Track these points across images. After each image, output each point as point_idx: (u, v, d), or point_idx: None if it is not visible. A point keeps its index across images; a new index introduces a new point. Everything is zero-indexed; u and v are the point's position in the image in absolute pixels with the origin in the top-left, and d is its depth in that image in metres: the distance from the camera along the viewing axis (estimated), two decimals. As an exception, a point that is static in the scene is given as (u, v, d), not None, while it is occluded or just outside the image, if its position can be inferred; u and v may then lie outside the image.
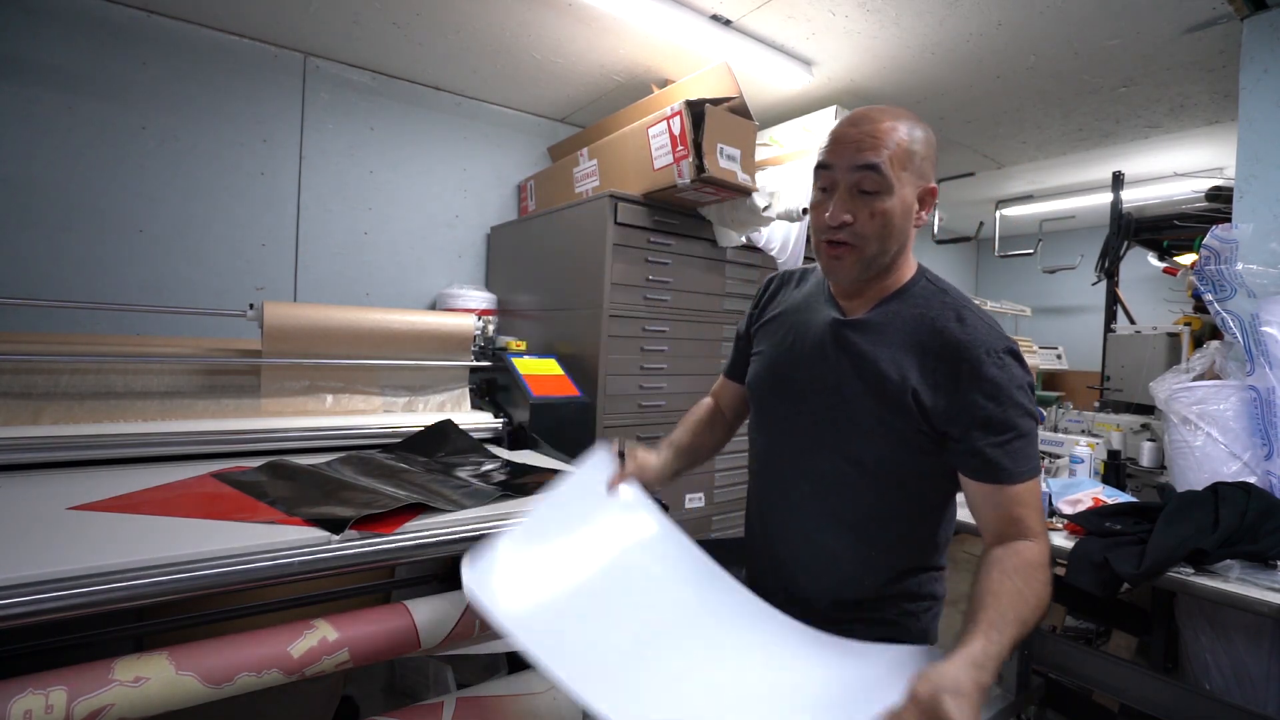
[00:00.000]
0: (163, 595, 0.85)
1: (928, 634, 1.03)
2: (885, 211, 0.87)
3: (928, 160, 0.90)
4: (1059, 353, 5.33)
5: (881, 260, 0.91)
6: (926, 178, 0.90)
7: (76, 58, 2.12)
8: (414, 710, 1.10)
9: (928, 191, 0.90)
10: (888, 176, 0.86)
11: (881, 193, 0.86)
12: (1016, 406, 0.86)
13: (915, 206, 0.89)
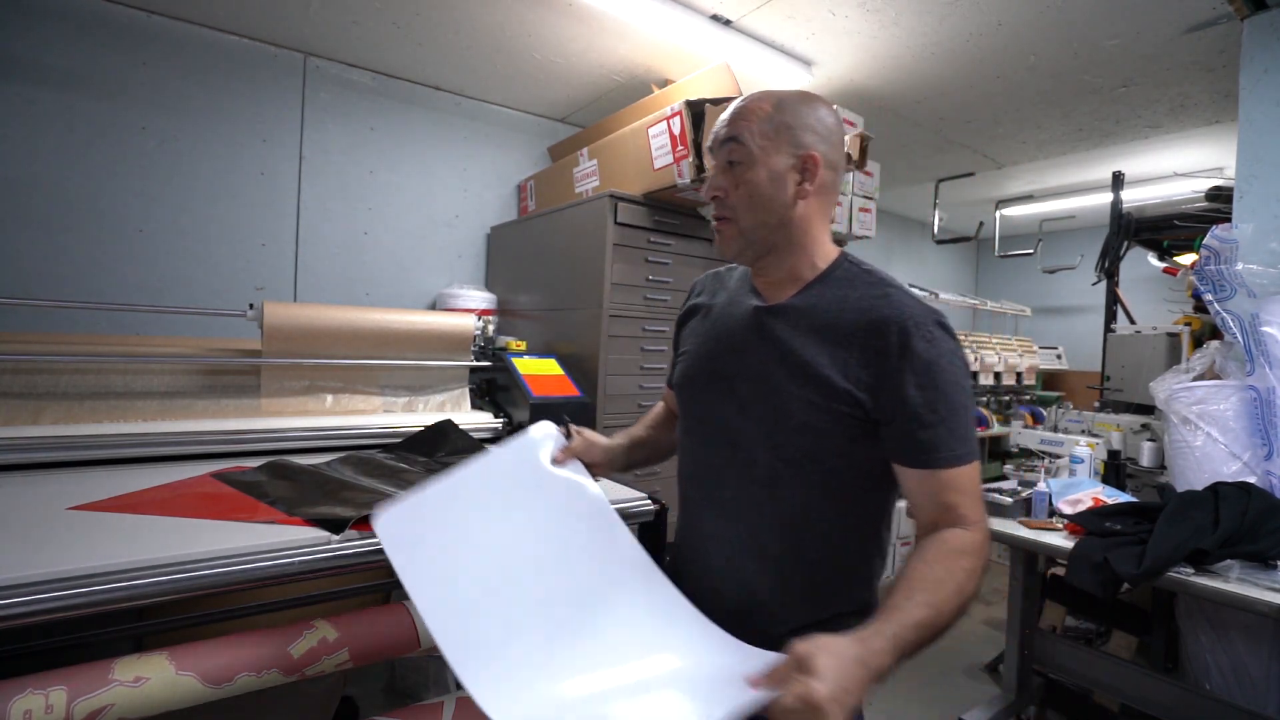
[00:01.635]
0: (163, 595, 0.85)
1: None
2: (749, 180, 0.86)
3: (806, 129, 0.86)
4: (1059, 353, 5.33)
5: (760, 232, 0.88)
6: (804, 146, 0.86)
7: (76, 58, 2.12)
8: (414, 710, 1.10)
9: (806, 159, 0.86)
10: (748, 145, 0.86)
11: (745, 163, 0.86)
12: (948, 383, 0.80)
13: (793, 176, 0.86)
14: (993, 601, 3.23)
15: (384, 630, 1.06)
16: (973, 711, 2.01)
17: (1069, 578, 1.55)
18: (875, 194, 3.05)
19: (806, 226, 0.89)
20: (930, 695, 2.34)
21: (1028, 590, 2.08)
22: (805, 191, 0.87)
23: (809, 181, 0.86)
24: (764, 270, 0.94)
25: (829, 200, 0.91)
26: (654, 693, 0.73)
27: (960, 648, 2.73)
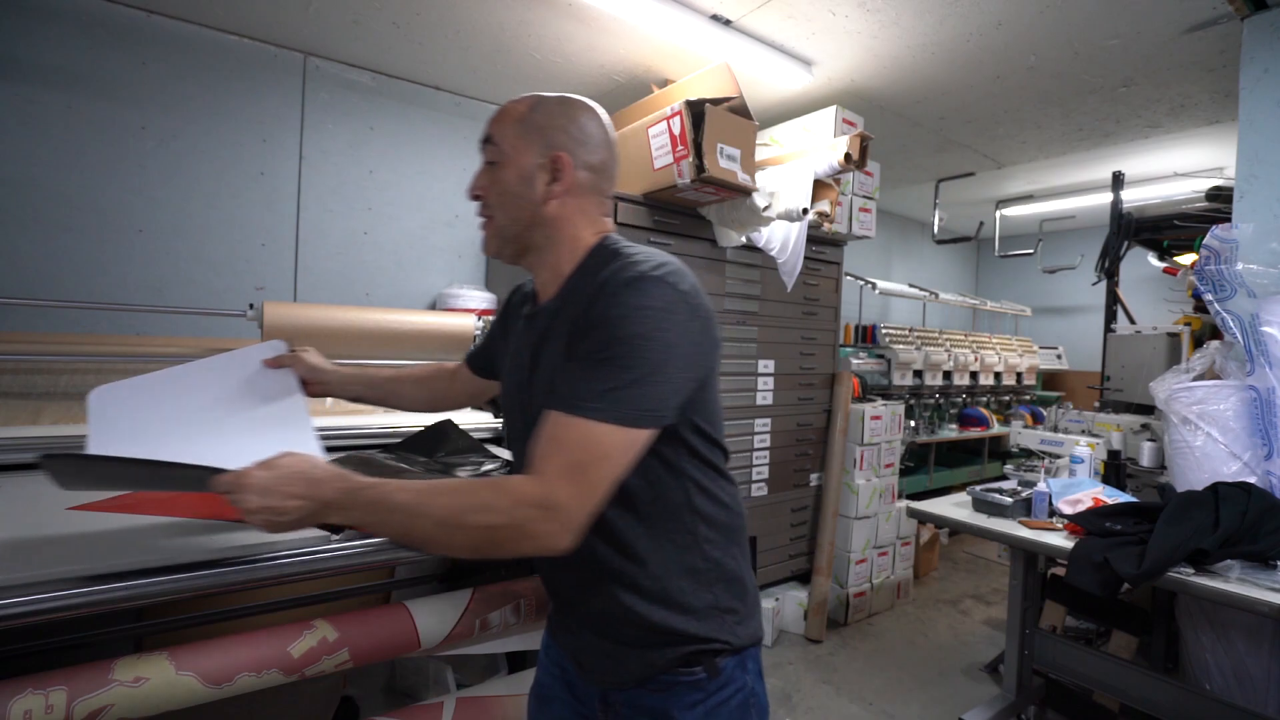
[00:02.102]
0: (163, 595, 0.85)
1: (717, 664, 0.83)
2: (501, 179, 0.88)
3: (559, 130, 0.87)
4: (1059, 353, 5.34)
5: (514, 229, 0.90)
6: (556, 146, 0.87)
7: (76, 58, 2.12)
8: (414, 710, 1.10)
9: (555, 159, 0.86)
10: (500, 145, 0.88)
11: (499, 162, 0.88)
12: (623, 324, 0.73)
13: (542, 175, 0.86)
14: (993, 601, 3.23)
15: (384, 630, 1.06)
16: (973, 711, 2.01)
17: (1069, 578, 1.55)
18: (875, 194, 3.06)
19: (563, 225, 0.89)
20: (930, 695, 2.34)
21: (1028, 590, 2.08)
22: (555, 191, 0.87)
23: (559, 182, 0.87)
24: (531, 269, 0.96)
25: (591, 200, 0.90)
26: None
27: (960, 648, 2.73)
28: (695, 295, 0.79)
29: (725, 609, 0.84)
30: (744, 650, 0.86)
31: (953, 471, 4.25)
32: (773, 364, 2.74)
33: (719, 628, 0.83)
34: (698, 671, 0.82)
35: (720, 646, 0.83)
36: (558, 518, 0.70)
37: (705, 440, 0.84)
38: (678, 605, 0.82)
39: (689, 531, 0.83)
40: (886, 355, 3.73)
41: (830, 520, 2.89)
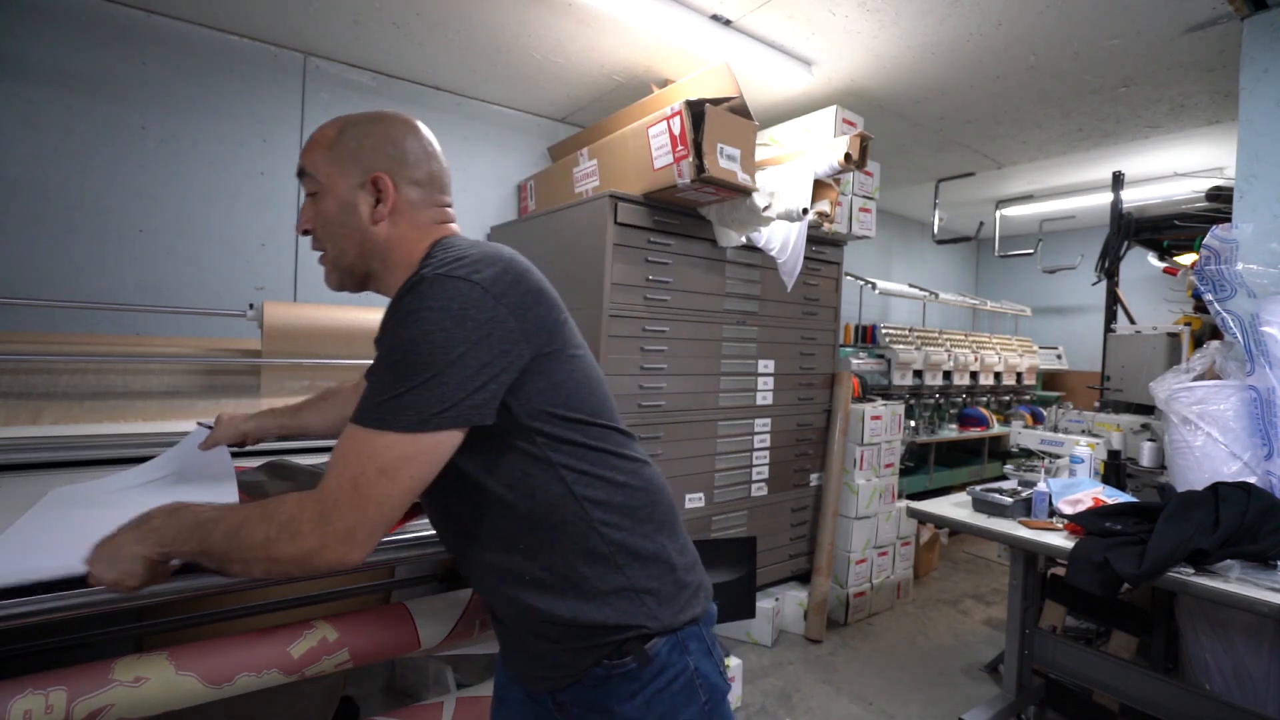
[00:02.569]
0: (163, 595, 0.85)
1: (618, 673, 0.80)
2: (323, 211, 0.86)
3: (369, 150, 0.85)
4: (1059, 353, 5.34)
5: (347, 260, 0.87)
6: (369, 167, 0.84)
7: (76, 58, 2.12)
8: (414, 710, 1.10)
9: (374, 181, 0.84)
10: (315, 176, 0.85)
11: (318, 194, 0.86)
12: (404, 337, 0.71)
13: (364, 199, 0.84)
14: (993, 601, 3.23)
15: (384, 630, 1.06)
16: (973, 711, 2.01)
17: (1069, 578, 1.55)
18: (875, 194, 3.06)
19: (396, 246, 0.86)
20: (930, 695, 2.34)
21: (1028, 590, 2.08)
22: (381, 214, 0.85)
23: (384, 203, 0.84)
24: (381, 294, 0.89)
25: (425, 214, 0.89)
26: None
27: (960, 648, 2.73)
28: (497, 282, 0.75)
29: (642, 590, 0.80)
30: (679, 630, 0.82)
31: (953, 471, 4.25)
32: (773, 364, 2.74)
33: (635, 612, 0.80)
34: (628, 662, 0.79)
35: (644, 631, 0.79)
36: (337, 533, 0.69)
37: (573, 425, 0.80)
38: (584, 595, 0.79)
39: (581, 519, 0.79)
40: (886, 355, 3.73)
41: (830, 520, 2.89)
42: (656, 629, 0.80)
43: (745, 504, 2.68)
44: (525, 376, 0.77)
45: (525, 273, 0.82)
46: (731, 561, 2.40)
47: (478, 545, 0.83)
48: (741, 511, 2.67)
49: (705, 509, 2.53)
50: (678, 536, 0.88)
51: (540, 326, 0.79)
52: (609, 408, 0.87)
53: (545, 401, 0.78)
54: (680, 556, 0.87)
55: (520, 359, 0.76)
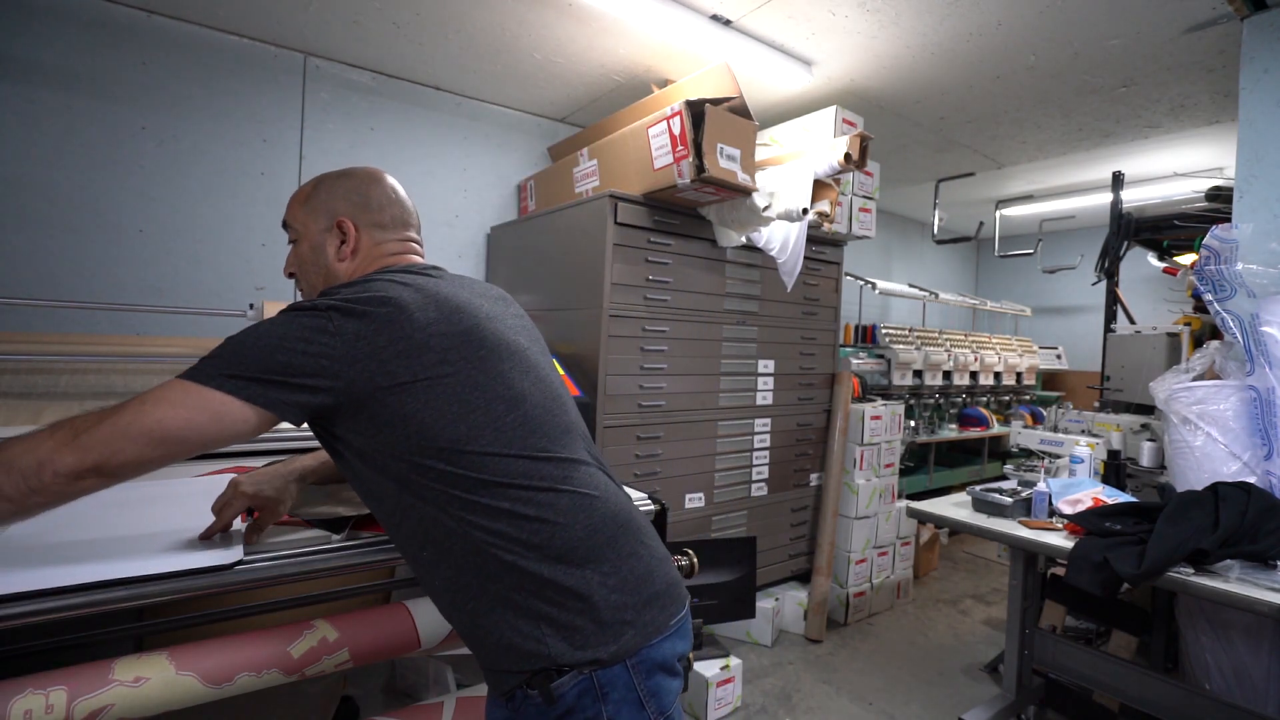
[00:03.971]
0: (163, 595, 0.85)
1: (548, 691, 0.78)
2: (299, 254, 1.01)
3: (334, 197, 0.99)
4: (1059, 353, 5.34)
5: (317, 294, 0.91)
6: (334, 213, 0.98)
7: (76, 58, 2.12)
8: (414, 710, 1.10)
9: (336, 224, 0.98)
10: (294, 225, 1.01)
11: (296, 240, 1.01)
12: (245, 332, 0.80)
13: (331, 239, 0.98)
14: (993, 601, 3.23)
15: (384, 630, 1.06)
16: (973, 711, 2.01)
17: (1069, 578, 1.55)
18: (875, 194, 3.06)
19: (354, 277, 0.95)
20: (930, 695, 2.34)
21: (1028, 590, 2.08)
22: (345, 253, 0.98)
23: (349, 243, 0.98)
24: None
25: (386, 247, 0.99)
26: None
27: (960, 648, 2.73)
28: (349, 312, 0.79)
29: (546, 622, 0.78)
30: (595, 673, 0.77)
31: (953, 471, 4.25)
32: (773, 364, 2.74)
33: (536, 645, 0.77)
34: (534, 696, 0.77)
35: (544, 666, 0.77)
36: (74, 438, 0.73)
37: (463, 457, 0.80)
38: (481, 614, 0.80)
39: (472, 544, 0.79)
40: (886, 355, 3.73)
41: (830, 520, 2.89)
42: (560, 665, 0.77)
43: (745, 504, 2.68)
44: (391, 408, 0.79)
45: (405, 309, 0.82)
46: (731, 561, 2.40)
47: (416, 553, 0.87)
48: (741, 511, 2.67)
49: (705, 509, 2.53)
50: (614, 571, 0.83)
51: (392, 355, 0.79)
52: (523, 431, 0.85)
53: (427, 436, 0.80)
54: (612, 593, 0.81)
55: (340, 380, 0.78)
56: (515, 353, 0.90)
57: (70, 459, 0.72)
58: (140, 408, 0.75)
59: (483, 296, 0.96)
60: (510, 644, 0.79)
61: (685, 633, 0.89)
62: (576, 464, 0.88)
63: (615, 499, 0.90)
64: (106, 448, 0.73)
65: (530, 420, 0.86)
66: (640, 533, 0.90)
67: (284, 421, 0.79)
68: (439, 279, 0.92)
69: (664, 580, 0.88)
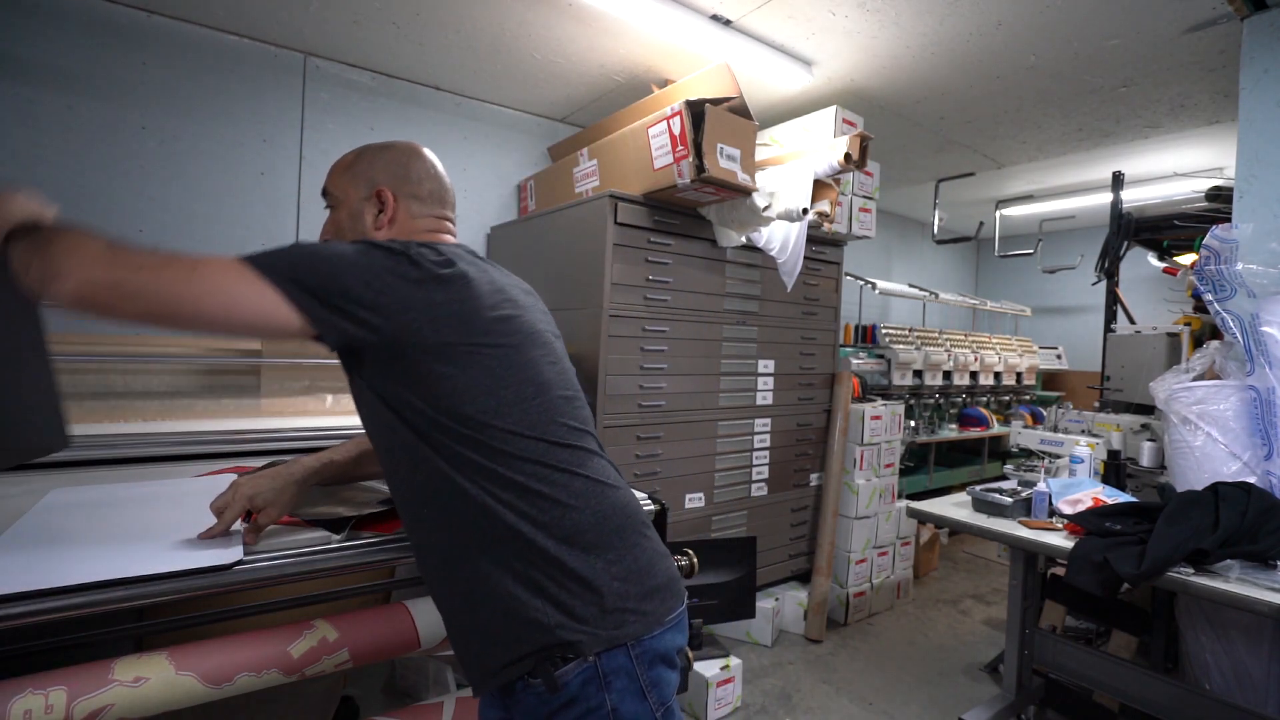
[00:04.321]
0: (163, 595, 0.85)
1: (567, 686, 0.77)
2: (337, 220, 1.04)
3: (375, 167, 1.02)
4: (1059, 353, 5.34)
5: None
6: (374, 182, 1.01)
7: (76, 58, 2.12)
8: (414, 710, 1.10)
9: (375, 192, 1.01)
10: (333, 194, 1.04)
11: (335, 206, 1.04)
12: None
13: (369, 207, 1.01)
14: (993, 601, 3.23)
15: (384, 630, 1.06)
16: (973, 711, 2.01)
17: (1069, 578, 1.55)
18: (875, 194, 3.06)
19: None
20: (930, 695, 2.34)
21: (1028, 590, 2.08)
22: (383, 222, 1.01)
23: (386, 211, 1.01)
24: None
25: (423, 223, 1.04)
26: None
27: (960, 648, 2.73)
28: (421, 259, 0.82)
29: (553, 604, 0.78)
30: (597, 661, 0.77)
31: (953, 471, 4.25)
32: (773, 364, 2.74)
33: (540, 625, 0.77)
34: (537, 684, 0.77)
35: (549, 649, 0.76)
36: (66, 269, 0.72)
37: (486, 430, 0.81)
38: (494, 589, 0.79)
39: (496, 518, 0.79)
40: (886, 355, 3.73)
41: (830, 520, 2.89)
42: (563, 642, 0.76)
43: (745, 504, 2.68)
44: (427, 365, 0.80)
45: (468, 277, 0.86)
46: (731, 561, 2.40)
47: (413, 525, 0.89)
48: (741, 511, 2.67)
49: (705, 509, 2.53)
50: (619, 560, 0.83)
51: (446, 316, 0.82)
52: (545, 416, 0.86)
53: (450, 397, 0.81)
54: (615, 580, 0.82)
55: (390, 323, 0.79)
56: (544, 343, 0.94)
57: (90, 286, 0.71)
58: (189, 275, 0.74)
59: (516, 287, 1.02)
60: (508, 611, 0.78)
61: (683, 627, 0.90)
62: (590, 454, 0.90)
63: (623, 491, 0.92)
64: (136, 299, 0.72)
65: (552, 407, 0.88)
66: (644, 526, 0.92)
67: (320, 342, 0.80)
68: (484, 261, 0.97)
69: (665, 574, 0.89)
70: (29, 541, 0.92)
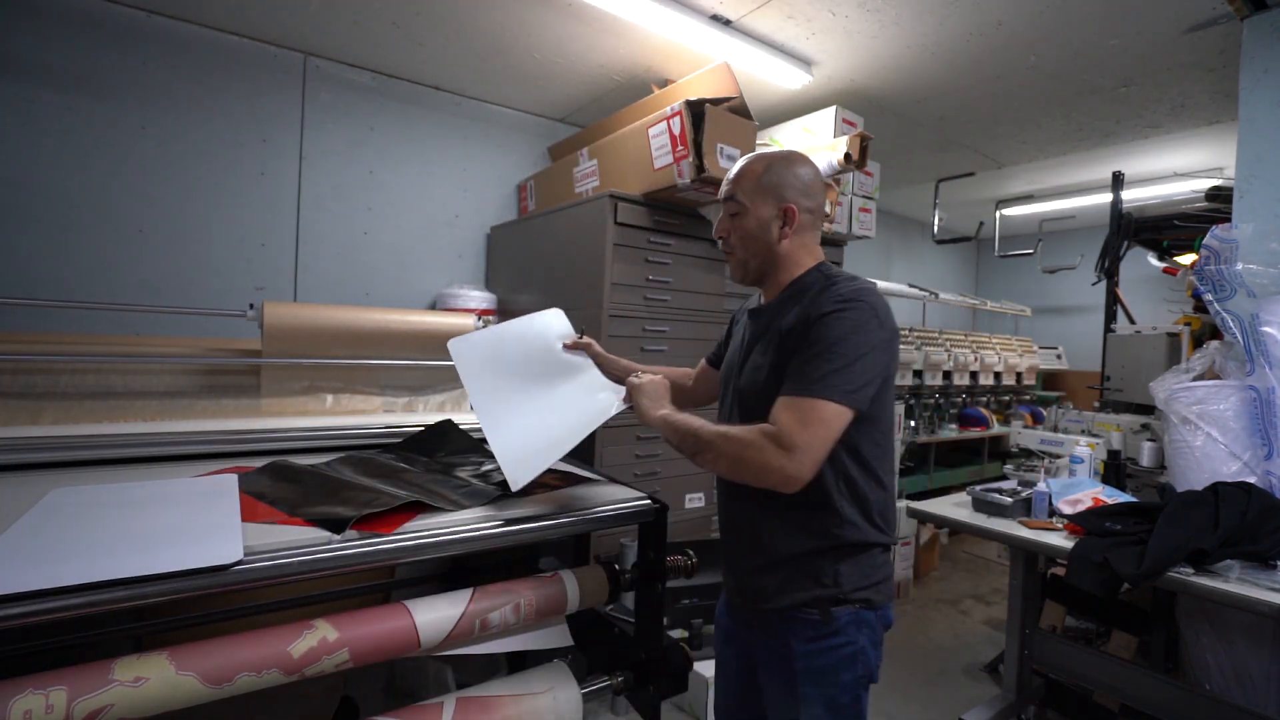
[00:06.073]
0: (162, 595, 0.84)
1: (839, 578, 1.05)
2: (743, 228, 1.14)
3: (789, 186, 1.12)
4: (1059, 353, 5.34)
5: (754, 263, 1.16)
6: (784, 200, 1.12)
7: (76, 58, 2.12)
8: (414, 710, 1.10)
9: (784, 210, 1.11)
10: (742, 203, 1.14)
11: (739, 215, 1.14)
12: (830, 331, 0.99)
13: (776, 222, 1.12)
14: (993, 601, 3.23)
15: (384, 630, 1.06)
16: (973, 711, 2.01)
17: (1069, 578, 1.55)
18: (875, 194, 3.06)
19: (790, 254, 1.14)
20: (930, 695, 2.34)
21: (1028, 590, 2.08)
22: (786, 234, 1.12)
23: (789, 226, 1.12)
24: (762, 284, 1.21)
25: (812, 234, 1.16)
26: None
27: (960, 648, 2.73)
28: (886, 312, 1.03)
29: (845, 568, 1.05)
30: (859, 608, 1.04)
31: (953, 471, 4.25)
32: (773, 364, 2.74)
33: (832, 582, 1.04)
34: (813, 613, 1.05)
35: (832, 596, 1.04)
36: (795, 456, 0.93)
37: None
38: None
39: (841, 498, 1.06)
40: (886, 355, 3.72)
41: (830, 520, 2.89)
42: (841, 599, 1.04)
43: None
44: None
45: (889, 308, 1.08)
46: (731, 561, 2.40)
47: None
48: (741, 511, 2.66)
49: (705, 509, 2.52)
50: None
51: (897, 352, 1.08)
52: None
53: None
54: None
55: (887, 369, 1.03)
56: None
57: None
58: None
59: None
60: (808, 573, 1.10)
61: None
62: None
63: None
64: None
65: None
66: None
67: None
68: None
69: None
70: (29, 541, 0.92)
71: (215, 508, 1.09)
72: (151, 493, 1.19)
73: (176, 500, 1.14)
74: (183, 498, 1.16)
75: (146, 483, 1.24)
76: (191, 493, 1.19)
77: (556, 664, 1.27)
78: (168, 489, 1.22)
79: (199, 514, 1.00)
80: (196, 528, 0.98)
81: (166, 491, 1.20)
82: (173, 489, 1.22)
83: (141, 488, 1.20)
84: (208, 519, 0.97)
